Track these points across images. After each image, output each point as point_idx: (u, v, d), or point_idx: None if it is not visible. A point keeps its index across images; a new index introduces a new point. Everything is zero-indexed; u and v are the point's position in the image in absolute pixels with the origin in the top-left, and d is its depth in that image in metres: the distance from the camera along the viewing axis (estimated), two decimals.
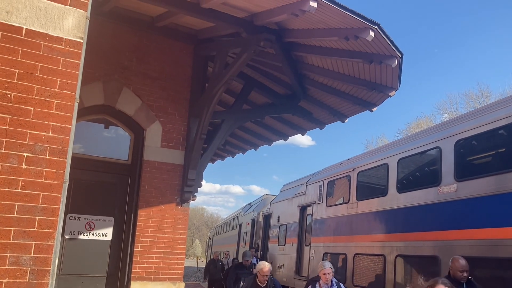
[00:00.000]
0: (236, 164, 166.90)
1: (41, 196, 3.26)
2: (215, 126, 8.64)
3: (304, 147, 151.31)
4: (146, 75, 7.79)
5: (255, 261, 11.38)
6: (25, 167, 3.23)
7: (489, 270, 6.33)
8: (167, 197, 7.69)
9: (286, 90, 9.01)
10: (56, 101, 3.41)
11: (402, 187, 8.24)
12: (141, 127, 7.71)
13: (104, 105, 7.43)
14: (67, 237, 7.01)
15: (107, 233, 7.38)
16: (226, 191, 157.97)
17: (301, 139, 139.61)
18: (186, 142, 7.95)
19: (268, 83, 9.07)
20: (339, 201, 10.67)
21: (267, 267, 6.58)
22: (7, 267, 3.08)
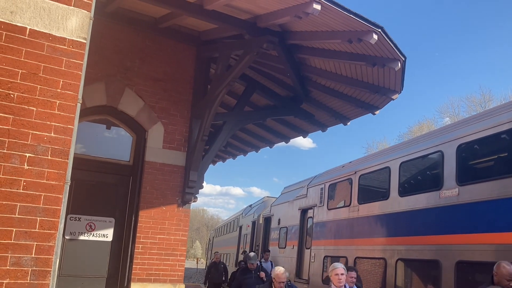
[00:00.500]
0: (237, 165, 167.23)
1: (42, 197, 3.25)
2: (216, 128, 8.63)
3: (305, 150, 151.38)
4: (148, 76, 7.78)
5: (270, 265, 10.89)
6: (27, 167, 3.23)
7: (491, 275, 6.29)
8: (168, 198, 7.68)
9: (288, 92, 9.01)
10: (58, 102, 3.40)
11: (404, 190, 8.22)
12: (143, 128, 7.70)
13: (106, 106, 7.42)
14: (67, 237, 7.00)
15: (107, 234, 7.36)
16: (226, 193, 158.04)
17: (302, 141, 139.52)
18: (187, 144, 7.94)
19: (270, 85, 9.06)
20: (340, 204, 10.65)
21: (284, 274, 5.75)
22: (8, 267, 3.08)
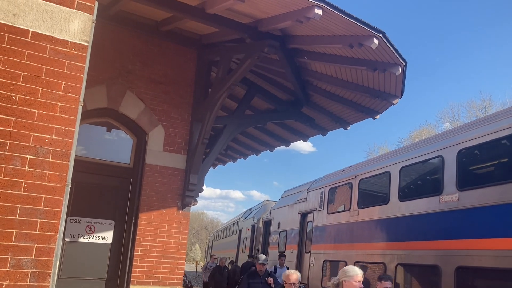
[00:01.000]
0: (237, 169, 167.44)
1: (43, 199, 3.25)
2: (217, 131, 8.63)
3: (305, 153, 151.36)
4: (149, 79, 7.79)
5: (285, 270, 10.02)
6: (28, 169, 3.23)
7: (490, 281, 6.29)
8: (168, 201, 7.67)
9: (289, 96, 9.02)
10: (60, 104, 3.41)
11: (404, 195, 8.23)
12: (143, 130, 7.70)
13: (107, 108, 7.43)
14: (67, 239, 6.99)
15: (107, 237, 7.35)
16: (226, 196, 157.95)
17: (301, 145, 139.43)
18: (188, 147, 7.95)
19: (271, 89, 9.08)
20: (340, 208, 10.64)
21: (294, 275, 5.40)
22: (8, 269, 3.08)
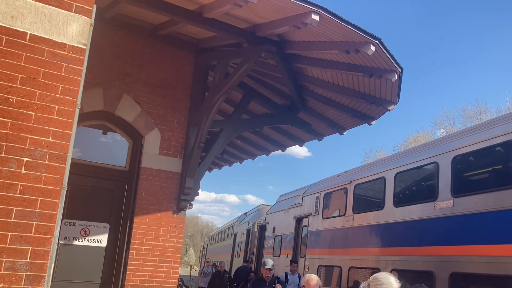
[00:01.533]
0: (232, 173, 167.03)
1: (39, 202, 3.25)
2: (213, 135, 8.64)
3: (300, 158, 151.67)
4: (146, 82, 7.80)
5: (297, 278, 10.04)
6: (24, 171, 3.23)
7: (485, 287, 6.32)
8: (164, 205, 7.66)
9: (286, 101, 9.05)
10: (57, 107, 3.41)
11: (399, 201, 8.26)
12: (139, 134, 7.70)
13: (103, 111, 7.42)
14: (61, 242, 6.96)
15: (102, 240, 7.33)
16: (221, 200, 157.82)
17: (297, 149, 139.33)
18: (184, 150, 7.95)
19: (268, 94, 9.10)
20: (335, 213, 10.66)
21: (314, 280, 5.17)
22: (2, 272, 3.06)
